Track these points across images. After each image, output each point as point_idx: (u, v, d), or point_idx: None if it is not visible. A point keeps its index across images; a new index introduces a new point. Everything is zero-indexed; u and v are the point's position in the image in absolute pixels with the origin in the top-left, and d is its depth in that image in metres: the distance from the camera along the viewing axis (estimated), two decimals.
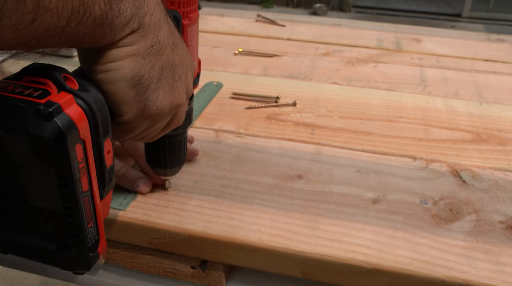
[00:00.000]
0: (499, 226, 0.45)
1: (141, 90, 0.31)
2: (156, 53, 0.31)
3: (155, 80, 0.32)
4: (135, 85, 0.31)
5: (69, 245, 0.31)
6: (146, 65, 0.31)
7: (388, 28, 1.05)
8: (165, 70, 0.33)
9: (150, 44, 0.31)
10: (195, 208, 0.46)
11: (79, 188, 0.29)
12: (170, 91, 0.34)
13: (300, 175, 0.51)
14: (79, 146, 0.28)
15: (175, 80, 0.34)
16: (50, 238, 0.31)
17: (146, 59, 0.31)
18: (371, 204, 0.47)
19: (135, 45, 0.30)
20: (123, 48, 0.30)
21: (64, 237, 0.30)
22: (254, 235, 0.43)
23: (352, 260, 0.40)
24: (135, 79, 0.31)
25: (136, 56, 0.30)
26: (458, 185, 0.50)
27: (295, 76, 0.77)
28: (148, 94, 0.32)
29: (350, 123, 0.62)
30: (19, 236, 0.31)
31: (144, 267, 0.47)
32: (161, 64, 0.32)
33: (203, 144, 0.56)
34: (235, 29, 0.99)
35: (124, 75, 0.30)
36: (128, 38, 0.30)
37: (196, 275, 0.46)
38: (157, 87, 0.32)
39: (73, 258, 0.31)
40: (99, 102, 0.29)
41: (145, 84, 0.31)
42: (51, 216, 0.30)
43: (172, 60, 0.33)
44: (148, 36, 0.31)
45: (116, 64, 0.30)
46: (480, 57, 0.88)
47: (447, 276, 0.39)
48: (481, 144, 0.59)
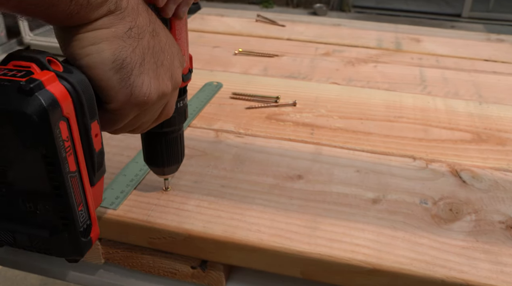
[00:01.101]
0: (499, 226, 0.45)
1: (125, 74, 0.31)
2: (136, 36, 0.31)
3: (137, 64, 0.32)
4: (118, 69, 0.31)
5: (60, 229, 0.30)
6: (126, 48, 0.31)
7: (388, 28, 1.05)
8: (146, 55, 0.33)
9: (129, 27, 0.31)
10: (195, 208, 0.46)
11: (66, 167, 0.28)
12: (154, 77, 0.34)
13: (300, 175, 0.51)
14: (63, 123, 0.28)
15: (157, 66, 0.34)
16: (42, 224, 0.30)
17: (126, 42, 0.31)
18: (371, 204, 0.47)
19: (113, 27, 0.30)
20: (101, 31, 0.30)
21: (55, 220, 0.30)
22: (254, 235, 0.43)
23: (352, 260, 0.41)
24: (117, 63, 0.30)
25: (115, 39, 0.30)
26: (458, 185, 0.51)
27: (295, 76, 0.77)
28: (132, 79, 0.32)
29: (350, 123, 0.62)
30: (10, 224, 0.31)
31: (144, 267, 0.47)
32: (142, 48, 0.32)
33: (203, 144, 0.56)
34: (235, 29, 0.99)
35: (105, 58, 0.30)
36: (104, 19, 0.30)
37: (196, 275, 0.46)
38: (140, 71, 0.32)
39: (66, 244, 0.31)
40: (83, 83, 0.29)
41: (128, 68, 0.31)
42: (41, 199, 0.29)
43: (153, 46, 0.33)
44: (126, 19, 0.31)
45: (96, 47, 0.30)
46: (480, 57, 0.88)
47: (447, 276, 0.39)
48: (481, 144, 0.59)
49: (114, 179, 0.49)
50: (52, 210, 0.30)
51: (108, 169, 0.51)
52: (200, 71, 0.77)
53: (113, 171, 0.51)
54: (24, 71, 0.27)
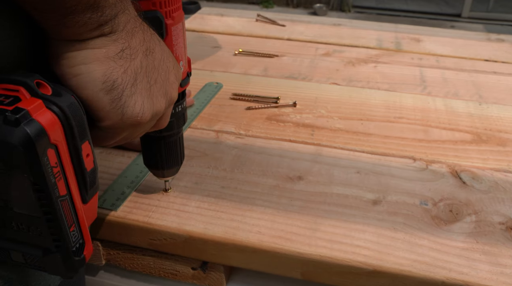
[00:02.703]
0: (499, 227, 0.45)
1: (116, 95, 0.31)
2: (128, 57, 0.31)
3: (129, 85, 0.31)
4: (109, 90, 0.30)
5: (53, 250, 0.31)
6: (118, 69, 0.31)
7: (388, 28, 1.05)
8: (139, 75, 0.32)
9: (121, 48, 0.31)
10: (196, 209, 0.46)
11: (56, 193, 0.29)
12: (148, 96, 0.33)
13: (300, 176, 0.51)
14: (51, 150, 0.28)
15: (151, 85, 0.33)
16: (35, 244, 0.31)
17: (117, 63, 0.31)
18: (371, 205, 0.47)
19: (105, 48, 0.30)
20: (93, 50, 0.30)
21: (47, 242, 0.30)
22: (255, 236, 0.43)
23: (352, 261, 0.41)
24: (108, 84, 0.30)
25: (106, 60, 0.30)
26: (458, 186, 0.51)
27: (295, 77, 0.77)
28: (124, 99, 0.31)
29: (350, 124, 0.62)
30: (5, 243, 0.31)
31: (145, 268, 0.47)
32: (134, 68, 0.32)
33: (203, 144, 0.57)
34: (235, 29, 0.99)
35: (95, 79, 0.30)
36: (97, 40, 0.30)
37: (197, 276, 0.46)
38: (132, 92, 0.32)
39: (59, 263, 0.31)
40: (73, 106, 0.29)
41: (119, 89, 0.31)
42: (33, 221, 0.30)
43: (146, 65, 0.33)
44: (119, 41, 0.31)
45: (86, 67, 0.30)
46: (480, 57, 0.88)
47: (447, 277, 0.39)
48: (481, 145, 0.59)
49: (115, 180, 0.49)
50: (44, 233, 0.30)
51: (109, 170, 0.51)
52: (200, 72, 0.77)
53: (114, 172, 0.51)
54: (11, 97, 0.27)
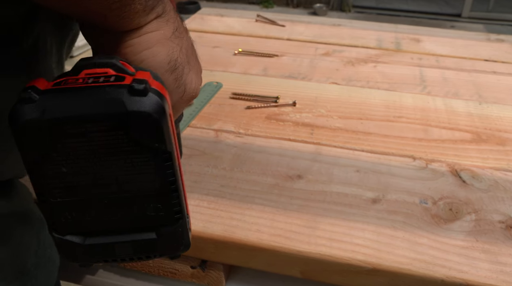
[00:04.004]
0: (498, 226, 0.45)
1: (178, 74, 0.32)
2: (180, 36, 0.32)
3: (185, 63, 0.33)
4: (173, 70, 0.31)
5: (172, 225, 0.30)
6: (176, 49, 0.31)
7: (388, 28, 1.05)
8: (188, 53, 0.33)
9: (174, 28, 0.32)
10: (195, 207, 0.46)
11: (176, 160, 0.28)
12: (196, 72, 0.35)
13: (300, 174, 0.51)
14: (170, 119, 0.28)
15: (196, 61, 0.35)
16: (150, 227, 0.30)
17: (174, 43, 0.31)
18: (371, 204, 0.47)
19: (161, 30, 0.30)
20: (152, 34, 0.30)
21: (167, 217, 0.30)
22: (254, 234, 0.43)
23: (352, 259, 0.41)
24: (172, 64, 0.31)
25: (166, 41, 0.31)
26: (457, 185, 0.51)
27: (295, 76, 0.77)
28: (184, 78, 0.32)
29: (349, 123, 0.62)
30: (114, 237, 0.30)
31: (144, 267, 0.47)
32: (186, 47, 0.33)
33: (203, 143, 0.56)
34: (235, 29, 0.99)
35: (161, 61, 0.30)
36: (153, 23, 0.30)
37: (196, 275, 0.46)
38: (189, 69, 0.33)
39: (174, 240, 0.31)
40: (160, 80, 0.29)
41: (180, 68, 0.32)
42: (154, 200, 0.29)
43: (191, 43, 0.34)
44: (170, 21, 0.31)
45: (151, 51, 0.30)
46: (479, 57, 0.88)
47: (447, 275, 0.39)
48: (481, 144, 0.59)
49: None
50: (164, 208, 0.29)
51: None
52: None
53: None
54: (110, 76, 0.27)
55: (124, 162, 0.27)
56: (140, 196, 0.29)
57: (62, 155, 0.26)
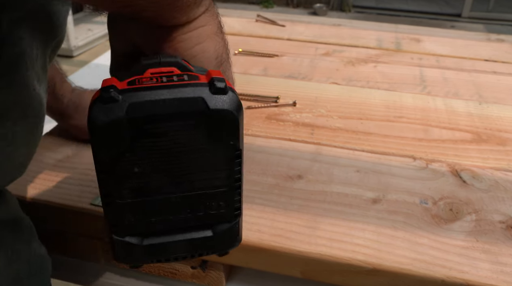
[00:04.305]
0: (499, 226, 0.45)
1: (223, 69, 0.32)
2: (223, 31, 0.32)
3: (227, 57, 0.33)
4: (219, 65, 0.31)
5: (231, 221, 0.30)
6: (220, 43, 0.32)
7: (388, 28, 1.05)
8: (227, 49, 0.34)
9: (219, 22, 0.32)
10: None
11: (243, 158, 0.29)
12: (230, 68, 0.35)
13: (300, 174, 0.51)
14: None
15: (230, 57, 0.35)
16: (207, 224, 0.30)
17: (219, 37, 0.31)
18: (371, 204, 0.47)
19: (210, 24, 0.30)
20: (203, 29, 0.30)
21: (228, 214, 0.30)
22: (254, 234, 0.43)
23: (352, 260, 0.40)
24: (219, 59, 0.31)
25: (214, 36, 0.31)
26: (458, 185, 0.50)
27: (295, 76, 0.77)
28: (227, 73, 0.33)
29: (349, 123, 0.62)
30: (170, 237, 0.30)
31: (144, 267, 0.47)
32: (226, 41, 0.33)
33: None
34: (235, 29, 0.99)
35: (210, 56, 0.31)
36: (202, 17, 0.30)
37: (196, 275, 0.46)
38: (228, 65, 0.33)
39: (228, 236, 0.31)
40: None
41: (225, 63, 0.32)
42: (218, 197, 0.29)
43: (226, 38, 0.34)
44: (214, 15, 0.31)
45: (202, 46, 0.30)
46: (480, 57, 0.88)
47: (447, 276, 0.39)
48: (481, 144, 0.59)
49: None
50: (225, 205, 0.30)
51: None
52: None
53: None
54: (182, 74, 0.27)
55: (200, 160, 0.28)
56: (207, 194, 0.29)
57: (138, 154, 0.26)
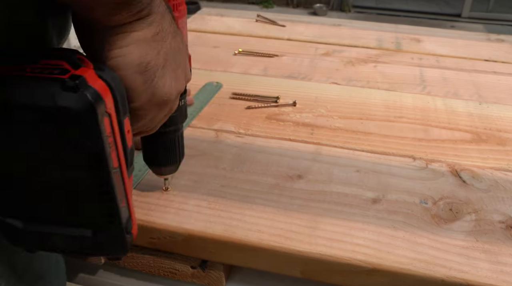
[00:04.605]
0: (499, 226, 0.45)
1: (148, 77, 0.32)
2: (161, 40, 0.32)
3: (160, 67, 0.33)
4: (143, 72, 0.31)
5: (105, 227, 0.30)
6: (152, 52, 0.32)
7: (388, 28, 1.05)
8: (169, 57, 0.33)
9: (156, 32, 0.32)
10: (195, 207, 0.46)
11: (110, 163, 0.28)
12: (174, 77, 0.34)
13: (300, 174, 0.51)
14: (106, 119, 0.27)
15: (177, 66, 0.35)
16: (85, 224, 0.30)
17: (151, 46, 0.31)
18: (371, 204, 0.47)
19: (141, 31, 0.31)
20: (130, 34, 0.30)
21: (99, 219, 0.30)
22: (254, 234, 0.43)
23: (352, 259, 0.41)
24: (143, 66, 0.31)
25: (142, 43, 0.31)
26: (458, 185, 0.51)
27: (295, 76, 0.77)
28: (155, 81, 0.32)
29: (349, 123, 0.62)
30: (51, 227, 0.30)
31: (144, 267, 0.47)
32: (165, 51, 0.33)
33: (203, 143, 0.56)
34: (235, 29, 0.99)
35: (131, 61, 0.31)
36: (135, 24, 0.30)
37: (196, 275, 0.46)
38: (163, 74, 0.33)
39: (109, 242, 0.31)
40: (117, 80, 0.29)
41: (152, 71, 0.32)
42: (85, 198, 0.29)
43: (174, 47, 0.34)
44: (153, 24, 0.31)
45: (124, 50, 0.30)
46: (479, 57, 0.88)
47: (447, 275, 0.39)
48: (481, 144, 0.59)
49: None
50: (96, 208, 0.29)
51: None
52: (200, 71, 0.77)
53: None
54: (58, 69, 0.27)
55: (55, 156, 0.27)
56: (74, 192, 0.29)
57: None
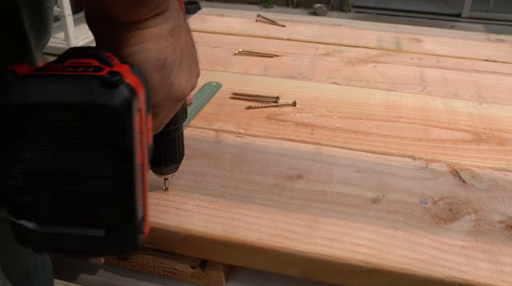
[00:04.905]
0: (498, 226, 0.45)
1: (166, 73, 0.32)
2: (177, 35, 0.32)
3: (177, 63, 0.32)
4: (160, 68, 0.31)
5: (120, 225, 0.29)
6: (169, 48, 0.32)
7: (388, 28, 1.05)
8: (184, 53, 0.33)
9: (172, 27, 0.32)
10: (195, 207, 0.46)
11: (136, 161, 0.28)
12: (189, 74, 0.35)
13: (300, 174, 0.51)
14: (138, 116, 0.27)
15: (191, 63, 0.35)
16: (100, 224, 0.29)
17: (169, 41, 0.31)
18: (371, 204, 0.47)
19: (158, 27, 0.31)
20: (148, 30, 0.30)
21: (116, 218, 0.29)
22: (254, 234, 0.43)
23: (352, 259, 0.41)
24: (161, 62, 0.31)
25: (160, 38, 0.31)
26: (457, 185, 0.51)
27: (295, 76, 0.77)
28: (172, 77, 0.32)
29: (349, 123, 0.62)
30: (65, 228, 0.30)
31: (144, 267, 0.47)
32: (181, 47, 0.33)
33: (203, 143, 0.57)
34: (235, 29, 0.99)
35: (150, 57, 0.31)
36: (152, 20, 0.30)
37: (196, 275, 0.46)
38: (179, 70, 0.33)
39: (122, 240, 0.30)
40: (143, 76, 0.29)
41: (169, 67, 0.32)
42: (106, 197, 0.29)
43: (189, 43, 0.34)
44: (170, 19, 0.31)
45: (142, 46, 0.30)
46: (479, 57, 0.88)
47: (447, 275, 0.39)
48: (481, 144, 0.59)
49: None
50: (115, 206, 0.29)
51: None
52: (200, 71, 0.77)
53: None
54: (91, 66, 0.27)
55: (86, 154, 0.27)
56: (96, 192, 0.28)
57: (26, 140, 0.26)
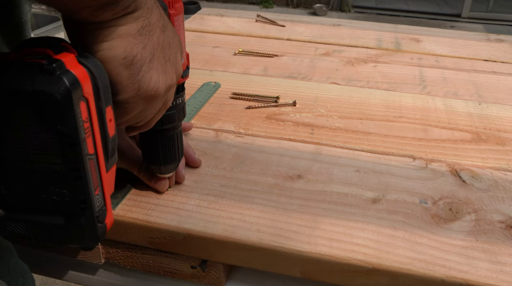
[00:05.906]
0: (498, 226, 0.45)
1: (134, 70, 0.32)
2: (147, 34, 0.33)
3: (147, 61, 0.33)
4: (128, 65, 0.32)
5: (76, 214, 0.30)
6: (137, 45, 0.32)
7: (388, 28, 1.05)
8: (156, 51, 0.34)
9: (141, 26, 0.32)
10: (195, 207, 0.46)
11: (85, 149, 0.28)
12: (162, 72, 0.35)
13: (300, 174, 0.51)
14: (83, 103, 0.28)
15: (166, 61, 0.35)
16: (56, 211, 0.30)
17: (137, 39, 0.32)
18: (371, 204, 0.47)
19: (127, 25, 0.31)
20: (116, 28, 0.31)
21: (71, 205, 0.30)
22: (254, 234, 0.43)
23: (352, 259, 0.41)
24: (128, 59, 0.32)
25: (127, 36, 0.31)
26: (457, 185, 0.51)
27: (295, 76, 0.77)
28: (141, 74, 0.33)
29: (349, 123, 0.62)
30: (23, 214, 0.30)
31: (144, 266, 0.47)
32: (152, 45, 0.33)
33: (203, 143, 0.57)
34: (235, 29, 0.99)
35: (116, 55, 0.31)
36: (121, 19, 0.31)
37: (196, 275, 0.46)
38: (149, 67, 0.33)
39: (81, 230, 0.30)
40: (99, 68, 0.30)
41: (138, 65, 0.32)
42: (57, 183, 0.29)
43: (162, 41, 0.34)
44: (140, 19, 0.32)
45: (109, 43, 0.31)
46: (479, 57, 0.88)
47: (447, 275, 0.39)
48: (481, 144, 0.59)
49: None
50: (69, 194, 0.29)
51: None
52: (199, 71, 0.77)
53: None
54: (41, 55, 0.27)
55: (31, 138, 0.28)
56: (49, 179, 0.29)
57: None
